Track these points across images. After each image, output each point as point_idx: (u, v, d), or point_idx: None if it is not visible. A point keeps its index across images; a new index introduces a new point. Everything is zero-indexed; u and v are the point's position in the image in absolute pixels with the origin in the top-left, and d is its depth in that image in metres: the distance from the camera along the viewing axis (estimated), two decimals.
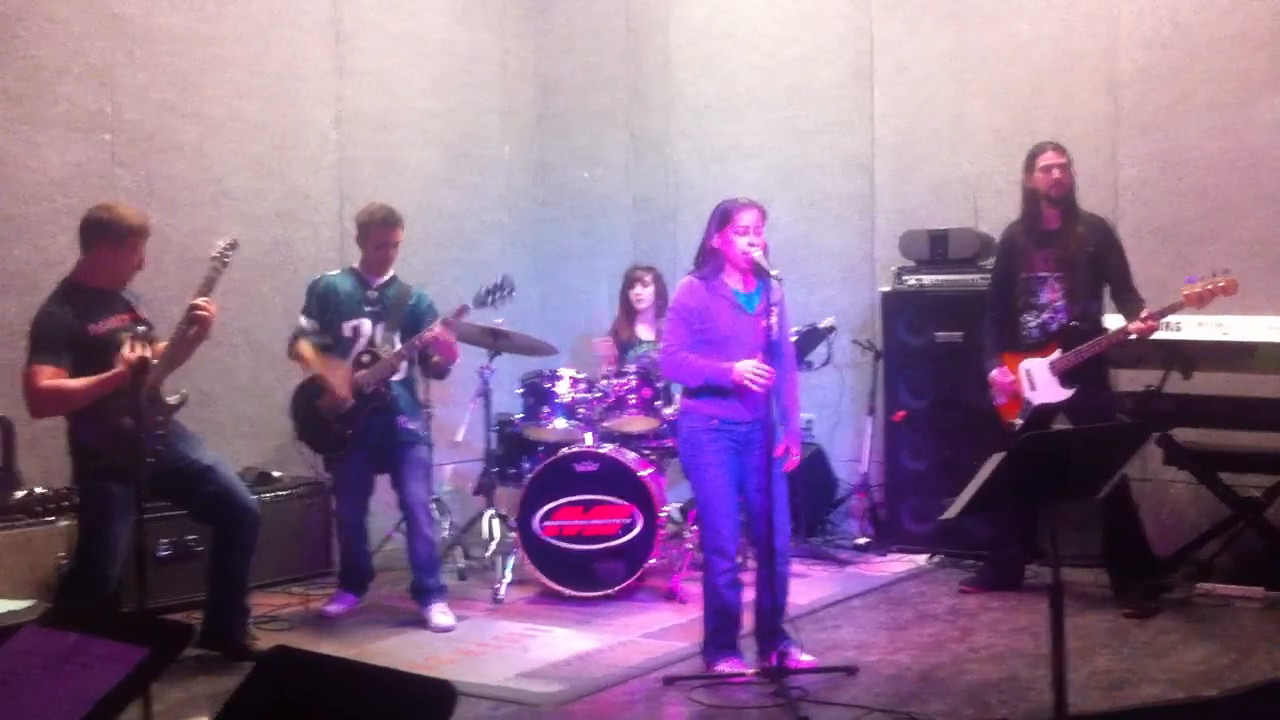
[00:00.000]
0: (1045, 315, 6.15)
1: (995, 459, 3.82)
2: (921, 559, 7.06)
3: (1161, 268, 6.64)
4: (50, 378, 4.93)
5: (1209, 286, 5.65)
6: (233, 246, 5.32)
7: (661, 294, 7.27)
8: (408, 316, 6.06)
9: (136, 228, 5.10)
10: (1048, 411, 6.10)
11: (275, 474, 6.68)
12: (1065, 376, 6.02)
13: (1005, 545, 6.47)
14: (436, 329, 5.82)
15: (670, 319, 5.15)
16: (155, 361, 5.00)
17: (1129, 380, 6.45)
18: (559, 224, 9.04)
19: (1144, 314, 5.82)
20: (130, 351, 4.85)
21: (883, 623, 5.94)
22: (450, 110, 8.39)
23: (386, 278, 6.11)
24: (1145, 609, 5.87)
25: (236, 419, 6.54)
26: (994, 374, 6.22)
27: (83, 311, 5.02)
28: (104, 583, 5.00)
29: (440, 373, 6.29)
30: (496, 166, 8.74)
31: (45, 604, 5.21)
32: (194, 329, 5.13)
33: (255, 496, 5.59)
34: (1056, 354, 6.03)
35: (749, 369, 4.86)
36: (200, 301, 5.10)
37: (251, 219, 7.05)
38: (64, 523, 5.49)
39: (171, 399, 5.13)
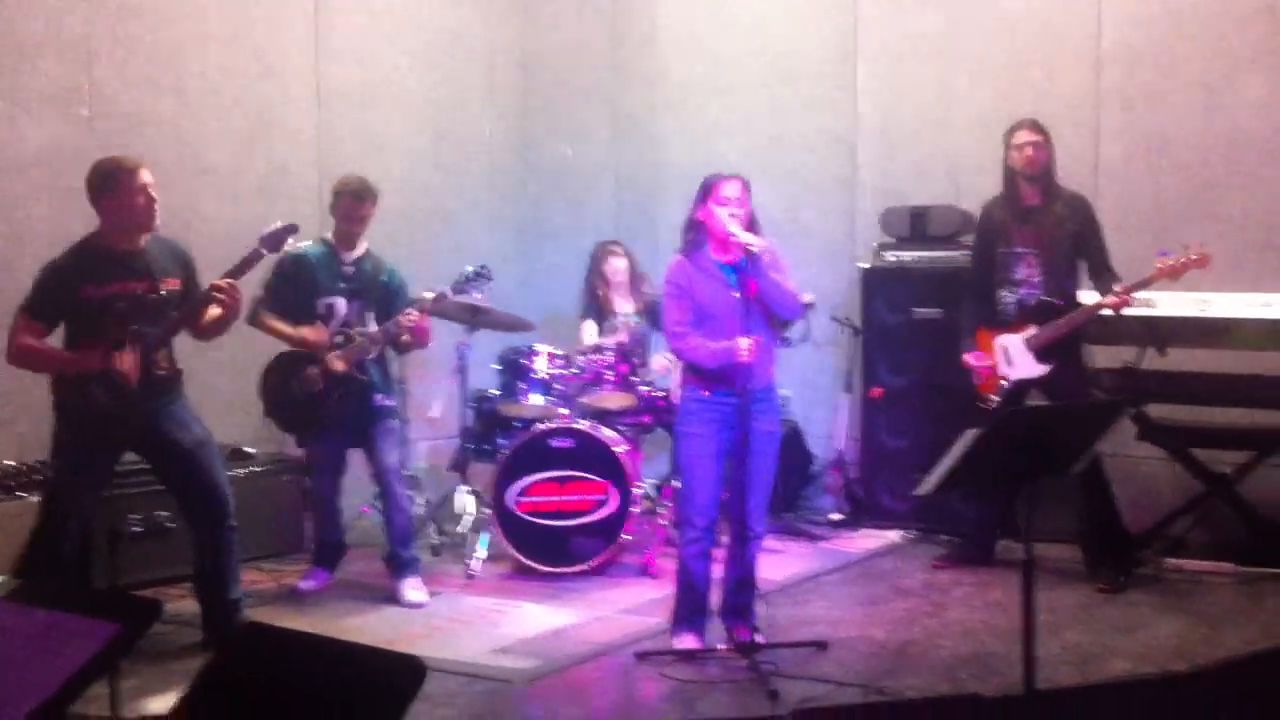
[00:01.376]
0: (1022, 291, 6.16)
1: (969, 435, 3.84)
2: (895, 535, 7.09)
3: (1143, 246, 6.63)
4: (28, 333, 4.91)
5: (1181, 260, 5.68)
6: (289, 230, 5.25)
7: (634, 266, 7.28)
8: (381, 293, 6.03)
9: (125, 167, 4.99)
10: (1023, 387, 6.12)
11: (250, 450, 6.66)
12: (1041, 352, 6.04)
13: (979, 521, 6.50)
14: (414, 316, 5.80)
15: (668, 301, 5.14)
16: (150, 331, 4.96)
17: (1107, 357, 6.47)
18: (541, 201, 9.02)
19: (1117, 288, 5.84)
20: (123, 364, 4.85)
21: (856, 598, 5.97)
22: (432, 87, 8.35)
23: (360, 251, 6.07)
24: (1117, 584, 5.91)
25: (212, 395, 6.49)
26: (967, 357, 6.24)
27: (86, 271, 4.93)
28: (62, 546, 4.93)
29: (404, 351, 6.28)
30: (479, 143, 8.71)
31: (15, 580, 5.22)
32: (217, 311, 5.06)
33: (229, 473, 5.53)
34: (1032, 330, 6.05)
35: (746, 345, 4.84)
36: (220, 282, 5.00)
37: (231, 195, 7.02)
38: (35, 498, 5.46)
39: (161, 372, 5.03)
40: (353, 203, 5.99)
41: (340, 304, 5.98)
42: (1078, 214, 6.13)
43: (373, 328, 5.93)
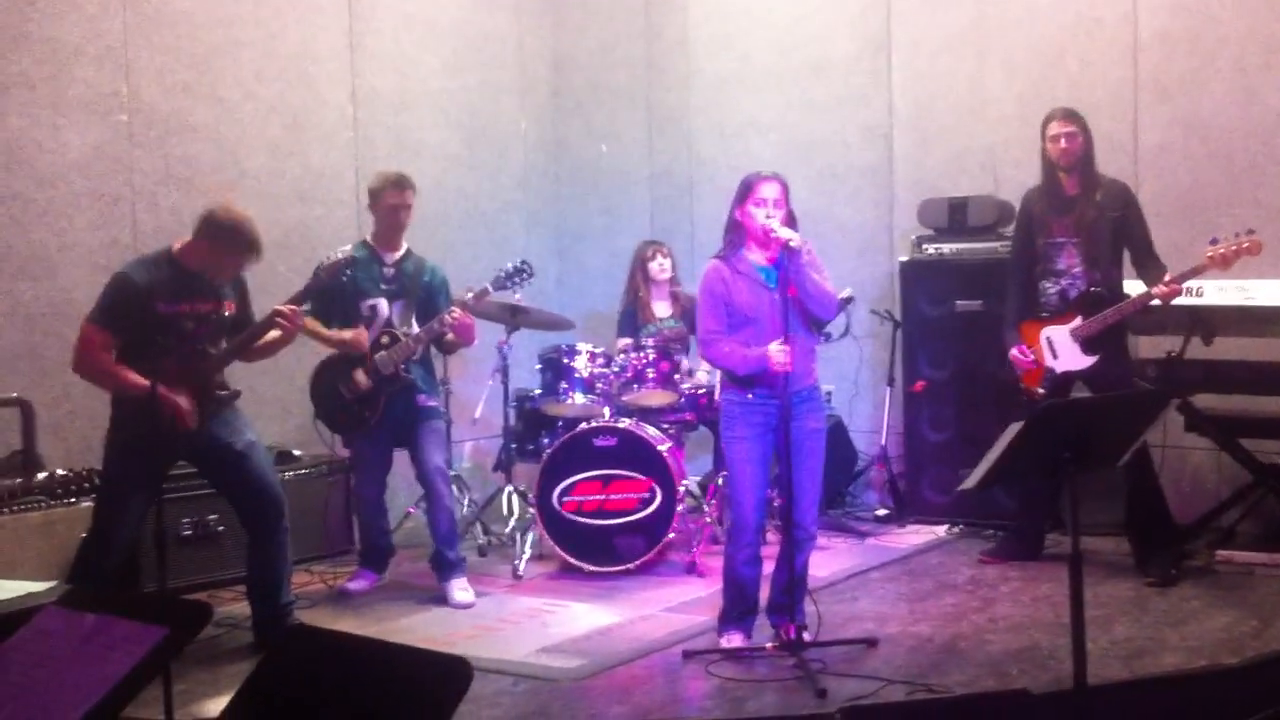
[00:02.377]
0: (1064, 282, 6.11)
1: (1014, 428, 3.81)
2: (941, 530, 7.06)
3: (1183, 233, 6.59)
4: (100, 344, 4.89)
5: (1233, 247, 5.60)
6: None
7: (674, 266, 7.26)
8: (424, 293, 6.06)
9: (246, 245, 4.99)
10: (1068, 379, 6.07)
11: (296, 453, 6.71)
12: (1087, 343, 5.98)
13: (1026, 515, 6.46)
14: (457, 314, 5.83)
15: (703, 306, 5.11)
16: (214, 352, 5.02)
17: (1150, 347, 6.42)
18: (577, 201, 9.03)
19: (1167, 278, 5.77)
20: (183, 404, 4.88)
21: (902, 594, 5.94)
22: (466, 89, 8.38)
23: (401, 252, 6.10)
24: (1167, 577, 5.85)
25: (257, 399, 6.55)
26: (1013, 353, 6.18)
27: (160, 286, 4.94)
28: (113, 554, 4.96)
29: (450, 351, 6.32)
30: (513, 145, 8.74)
31: (66, 585, 5.27)
32: (276, 334, 5.13)
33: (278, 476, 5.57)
34: (1078, 321, 5.99)
35: (778, 353, 4.82)
36: (284, 308, 5.07)
37: (269, 200, 7.06)
38: (85, 504, 5.51)
39: (223, 392, 5.09)
40: (396, 192, 6.02)
41: (383, 305, 6.01)
42: (1118, 201, 6.06)
43: (416, 328, 5.95)
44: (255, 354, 5.30)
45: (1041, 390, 6.08)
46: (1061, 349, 6.05)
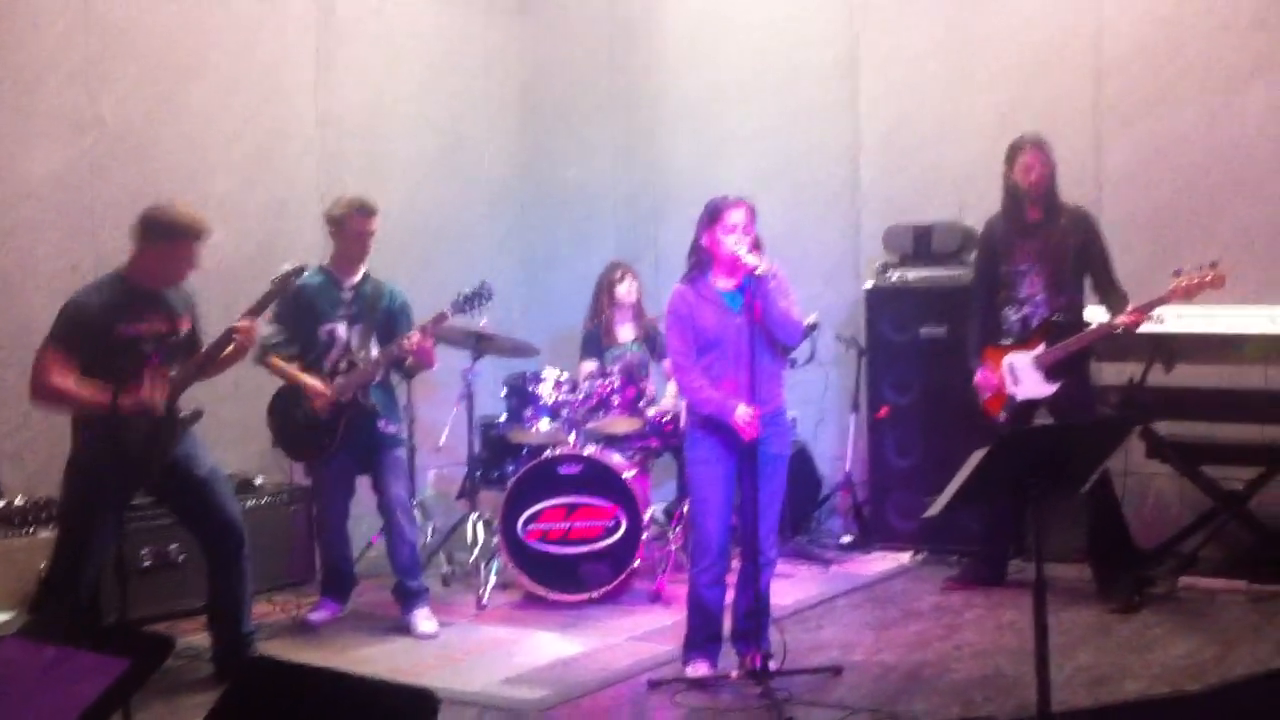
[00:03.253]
0: (1027, 309, 6.14)
1: (978, 454, 3.83)
2: (906, 556, 7.07)
3: (1146, 258, 6.65)
4: (59, 370, 4.82)
5: (1195, 280, 5.63)
6: (297, 273, 5.28)
7: (640, 290, 7.26)
8: (383, 317, 6.02)
9: (189, 229, 4.99)
10: (1029, 406, 6.10)
11: (257, 481, 6.65)
12: (1049, 371, 6.01)
13: (990, 540, 6.48)
14: (415, 338, 5.79)
15: (669, 331, 5.13)
16: (172, 376, 4.96)
17: (1112, 373, 6.46)
18: (545, 224, 9.02)
19: (1130, 308, 5.81)
20: (145, 391, 4.83)
21: (867, 622, 5.94)
22: (435, 110, 8.37)
23: (359, 276, 6.05)
24: (1129, 604, 5.88)
25: (220, 425, 6.49)
26: (978, 377, 6.21)
27: (117, 308, 4.91)
28: (79, 586, 4.91)
29: (411, 374, 6.28)
30: (482, 166, 8.72)
31: (26, 616, 5.21)
32: (230, 349, 5.08)
33: (239, 505, 5.53)
34: (1041, 348, 6.02)
35: (742, 416, 4.84)
36: (240, 324, 5.04)
37: (237, 220, 7.03)
38: (45, 534, 5.46)
39: (184, 415, 5.03)
40: (363, 218, 5.97)
41: (341, 330, 5.96)
42: (1080, 228, 6.11)
43: (375, 352, 5.92)
44: (211, 370, 5.22)
45: (1003, 416, 6.11)
46: (1024, 376, 6.07)
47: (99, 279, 5.10)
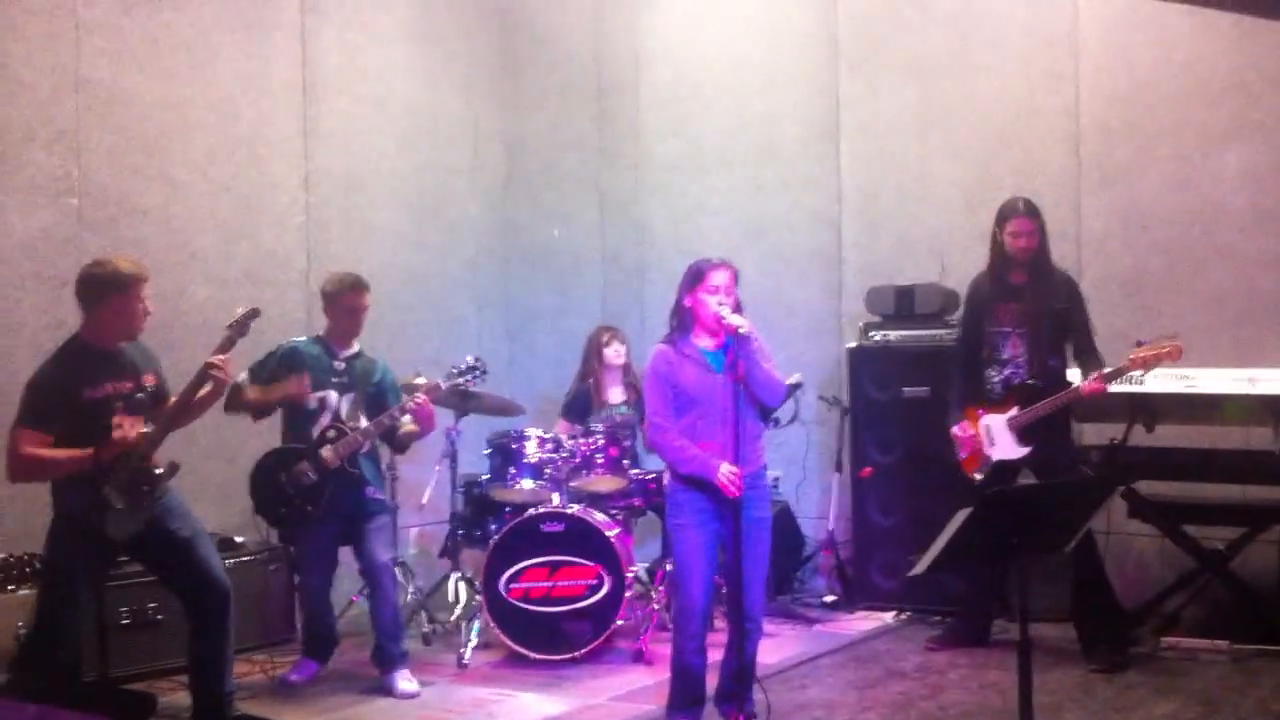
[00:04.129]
0: (1008, 370, 6.17)
1: (962, 514, 3.84)
2: (889, 616, 7.06)
3: (1124, 320, 6.70)
4: (32, 444, 4.81)
5: (1153, 353, 5.69)
6: (252, 315, 5.26)
7: (628, 352, 7.28)
8: (374, 391, 6.05)
9: (134, 276, 4.99)
10: (1009, 466, 6.12)
11: (238, 539, 6.60)
12: (1022, 434, 6.03)
13: (973, 600, 6.47)
14: (421, 399, 5.83)
15: (649, 391, 5.13)
16: (147, 430, 4.94)
17: (1094, 433, 6.49)
18: (527, 283, 9.06)
19: (1093, 375, 5.86)
20: (119, 432, 4.83)
21: (851, 681, 5.91)
22: (418, 171, 8.43)
23: (353, 350, 6.10)
24: (1113, 663, 5.88)
25: (201, 483, 6.48)
26: (954, 429, 6.25)
27: (80, 375, 4.89)
28: (63, 646, 4.84)
29: (403, 447, 6.28)
30: (464, 226, 8.77)
31: (5, 674, 5.15)
32: (208, 388, 5.06)
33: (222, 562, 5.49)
34: (1014, 411, 6.06)
35: (726, 474, 4.85)
36: (215, 359, 5.02)
37: (220, 281, 7.05)
38: (24, 591, 5.42)
39: (159, 470, 5.00)
40: (355, 294, 6.04)
41: (332, 397, 5.97)
42: (1063, 294, 6.15)
43: (364, 423, 5.93)
44: (189, 414, 5.19)
45: (979, 476, 6.14)
46: (998, 437, 6.11)
47: (60, 347, 5.07)
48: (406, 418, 5.97)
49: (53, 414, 4.84)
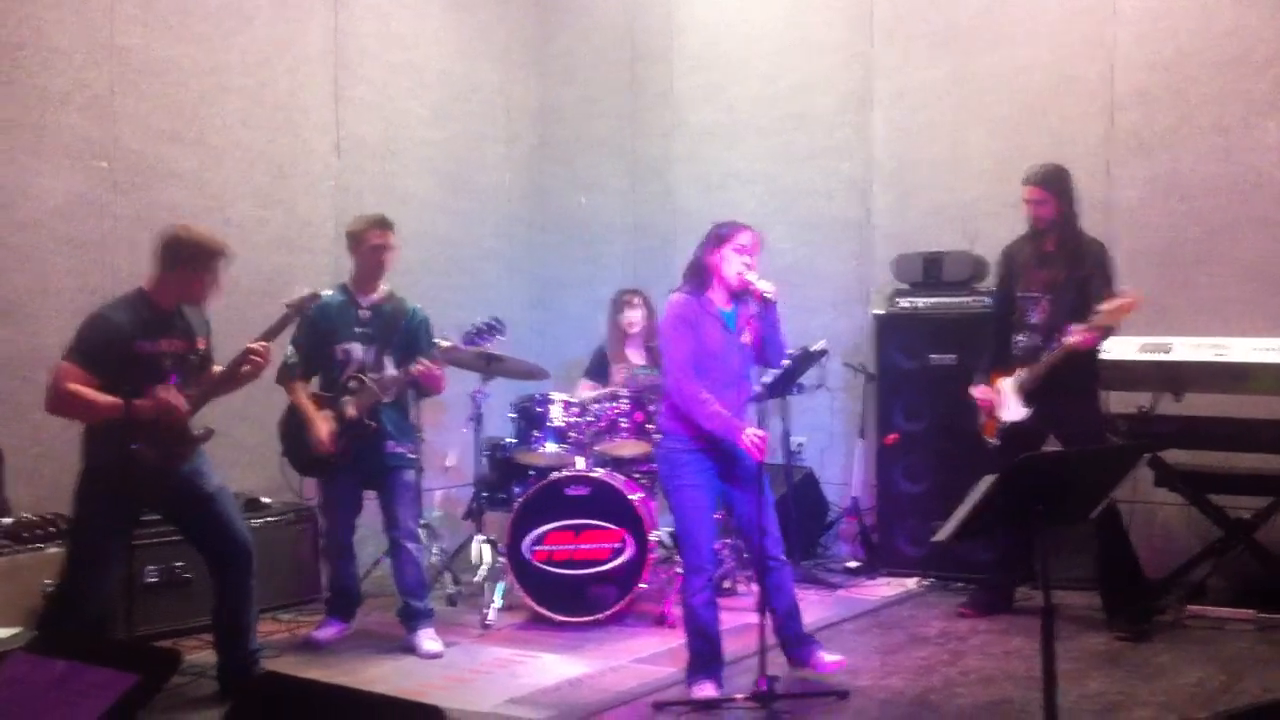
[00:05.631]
0: (1036, 336, 6.17)
1: (987, 481, 3.84)
2: (912, 582, 7.06)
3: (1159, 290, 6.65)
4: (75, 380, 4.85)
5: (1119, 304, 5.68)
6: (312, 299, 5.35)
7: (651, 317, 7.29)
8: (404, 334, 6.00)
9: (217, 252, 5.06)
10: (1030, 431, 6.11)
11: (265, 500, 6.67)
12: (1028, 396, 6.08)
13: (997, 568, 6.48)
14: (423, 365, 5.81)
15: (673, 338, 5.11)
16: (190, 394, 5.00)
17: (1121, 402, 6.47)
18: (558, 250, 9.08)
19: (1076, 329, 5.81)
20: (167, 395, 4.89)
21: (874, 646, 5.93)
22: (450, 138, 8.44)
23: (379, 294, 6.06)
24: (1137, 631, 5.87)
25: (229, 446, 6.53)
26: (973, 389, 6.29)
27: (138, 326, 4.94)
28: (89, 602, 4.94)
29: (424, 395, 6.31)
30: (496, 194, 8.79)
31: (32, 631, 5.23)
32: (245, 369, 5.12)
33: (246, 522, 5.55)
34: (1021, 373, 6.10)
35: (751, 437, 4.90)
36: (257, 346, 5.08)
37: (251, 247, 7.08)
38: (52, 549, 5.49)
39: (197, 432, 5.08)
40: (379, 232, 5.99)
41: (356, 350, 5.98)
42: (1089, 260, 6.12)
43: (390, 372, 5.95)
44: (225, 389, 5.26)
45: (996, 440, 6.20)
46: (1008, 400, 6.17)
47: (123, 295, 5.13)
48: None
49: (100, 358, 4.88)
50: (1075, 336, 5.81)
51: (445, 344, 5.95)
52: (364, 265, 6.04)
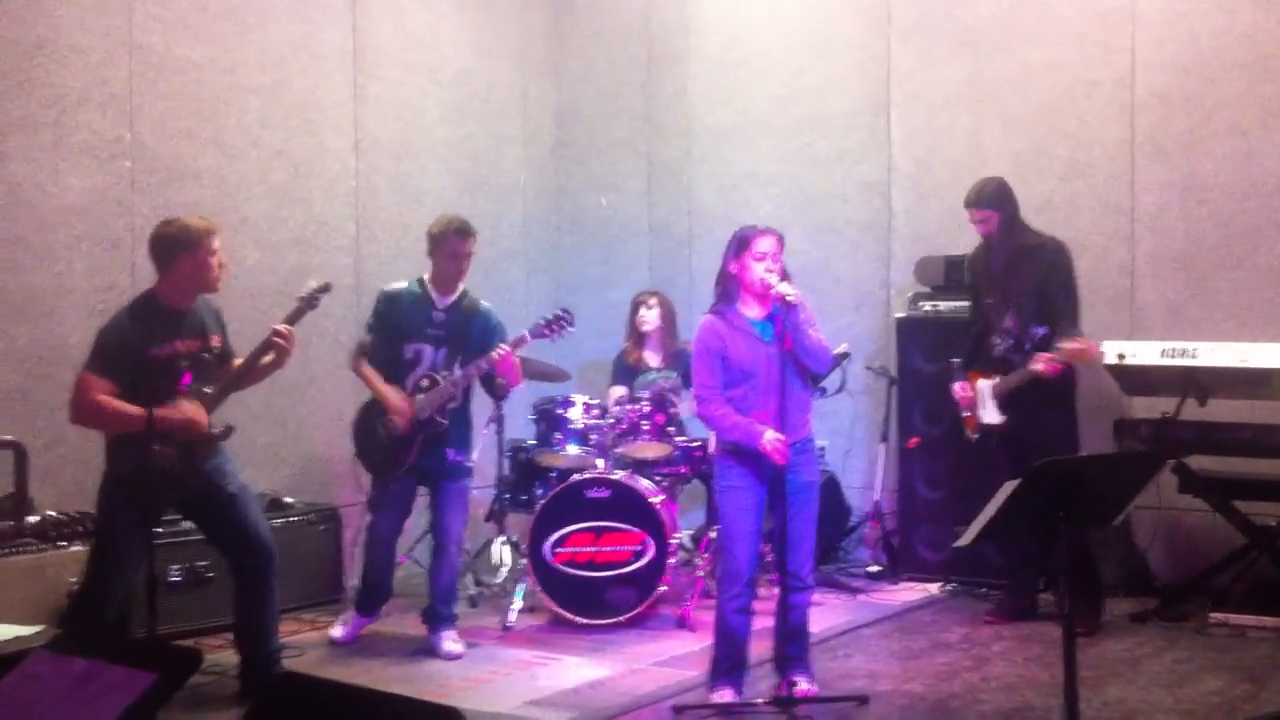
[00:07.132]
0: (1008, 340, 6.24)
1: (1009, 486, 3.82)
2: (934, 587, 7.03)
3: (1178, 293, 6.61)
4: (100, 391, 4.86)
5: (1071, 348, 5.74)
6: (324, 290, 5.33)
7: (668, 317, 7.27)
8: (476, 335, 5.95)
9: (202, 231, 5.04)
10: (1006, 435, 6.20)
11: (287, 500, 6.68)
12: (1002, 402, 6.18)
13: (1019, 574, 6.44)
14: (504, 350, 5.77)
15: (697, 363, 5.11)
16: (208, 391, 5.01)
17: (1145, 407, 6.43)
18: (577, 251, 9.07)
19: (1044, 357, 5.86)
20: (189, 409, 4.89)
21: (895, 651, 5.91)
22: (468, 138, 8.44)
23: (455, 296, 5.99)
24: (1096, 627, 5.95)
25: (251, 446, 6.55)
26: (953, 386, 6.42)
27: (148, 331, 4.95)
28: (111, 601, 4.96)
29: (503, 394, 6.30)
30: (514, 194, 8.78)
31: (55, 630, 5.23)
32: (271, 356, 5.12)
33: (268, 522, 5.55)
34: (997, 379, 6.20)
35: (770, 441, 4.85)
36: (282, 328, 5.08)
37: (269, 246, 7.09)
38: (76, 548, 5.50)
39: (216, 430, 5.08)
40: (459, 240, 5.94)
41: (427, 351, 5.93)
42: (1042, 264, 6.15)
43: (459, 372, 5.89)
44: (250, 379, 5.26)
45: (975, 436, 6.36)
46: (986, 402, 6.28)
47: (131, 302, 5.15)
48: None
49: (116, 365, 4.90)
50: (1040, 365, 5.89)
51: (514, 337, 5.91)
52: (441, 268, 5.99)
